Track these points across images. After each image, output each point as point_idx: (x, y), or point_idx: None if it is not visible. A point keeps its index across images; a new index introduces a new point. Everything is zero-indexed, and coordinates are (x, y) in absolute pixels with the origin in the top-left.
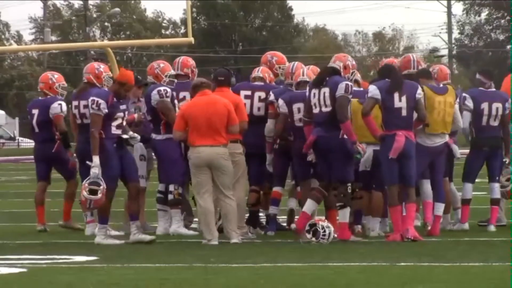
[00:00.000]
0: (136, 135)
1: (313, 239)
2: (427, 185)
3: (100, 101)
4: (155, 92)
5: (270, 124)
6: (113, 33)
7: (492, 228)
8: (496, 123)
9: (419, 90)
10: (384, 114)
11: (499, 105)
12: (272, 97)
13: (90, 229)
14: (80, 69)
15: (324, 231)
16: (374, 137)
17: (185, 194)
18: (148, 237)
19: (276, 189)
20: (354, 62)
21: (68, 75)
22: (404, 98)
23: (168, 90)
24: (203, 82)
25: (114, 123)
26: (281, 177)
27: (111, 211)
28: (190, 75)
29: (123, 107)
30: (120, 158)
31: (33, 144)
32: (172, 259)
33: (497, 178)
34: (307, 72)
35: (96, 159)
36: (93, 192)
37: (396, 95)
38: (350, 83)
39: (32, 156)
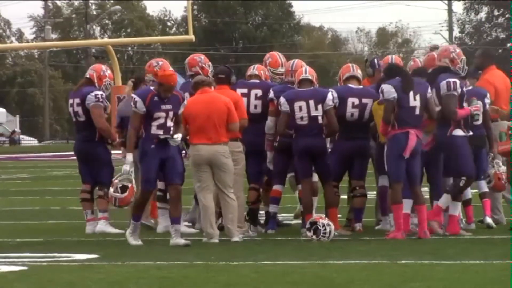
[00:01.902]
0: (177, 136)
1: (314, 237)
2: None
3: (137, 98)
4: None
5: (270, 121)
6: (114, 31)
7: (488, 219)
8: (479, 122)
9: (430, 89)
10: (397, 112)
11: (479, 103)
12: (272, 94)
13: (90, 228)
14: (81, 67)
15: (325, 229)
16: (382, 137)
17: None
18: (183, 241)
19: (276, 187)
20: (458, 50)
21: (69, 73)
22: (418, 97)
23: None
24: (203, 80)
25: (155, 123)
26: (281, 175)
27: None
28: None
29: (166, 107)
30: (162, 160)
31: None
32: (173, 257)
33: (482, 176)
34: (309, 70)
35: (129, 157)
36: (123, 189)
37: (411, 94)
38: (452, 80)
39: (31, 154)
